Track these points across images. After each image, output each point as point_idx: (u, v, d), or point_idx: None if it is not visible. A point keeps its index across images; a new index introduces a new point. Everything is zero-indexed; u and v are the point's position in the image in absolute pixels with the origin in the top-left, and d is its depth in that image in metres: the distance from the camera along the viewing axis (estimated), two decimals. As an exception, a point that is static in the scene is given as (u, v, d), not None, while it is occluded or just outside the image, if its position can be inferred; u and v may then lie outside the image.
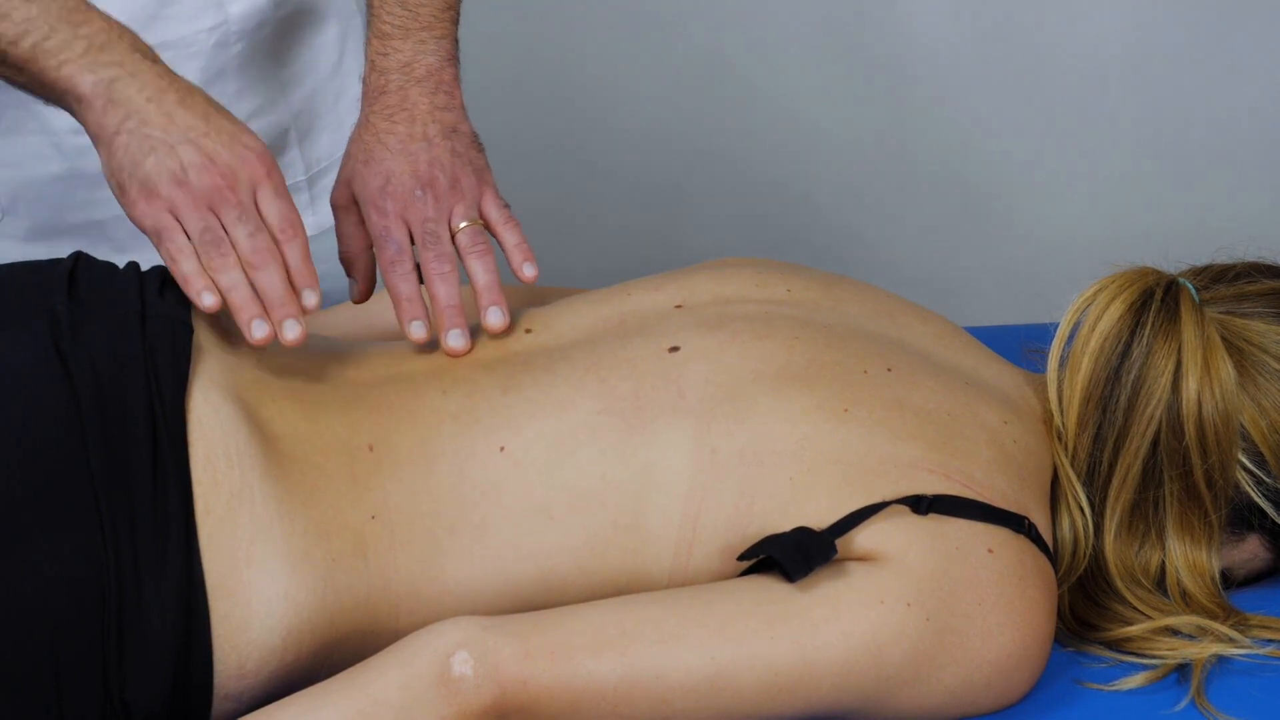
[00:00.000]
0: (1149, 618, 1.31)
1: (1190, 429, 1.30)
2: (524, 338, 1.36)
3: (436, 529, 1.25)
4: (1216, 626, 1.30)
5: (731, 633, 1.18)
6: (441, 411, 1.29)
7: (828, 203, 2.78)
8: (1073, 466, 1.33)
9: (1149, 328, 1.32)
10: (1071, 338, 1.34)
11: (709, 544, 1.25)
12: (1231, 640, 1.29)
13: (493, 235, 1.41)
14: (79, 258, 1.33)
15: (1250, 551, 1.37)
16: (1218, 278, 1.38)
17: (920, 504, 1.23)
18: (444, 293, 1.36)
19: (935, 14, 2.68)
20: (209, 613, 1.18)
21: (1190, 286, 1.34)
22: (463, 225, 1.39)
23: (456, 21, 1.47)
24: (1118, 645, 1.31)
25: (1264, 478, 1.33)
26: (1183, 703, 1.26)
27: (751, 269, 1.42)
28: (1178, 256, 1.41)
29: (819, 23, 2.70)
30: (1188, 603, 1.32)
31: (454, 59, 1.46)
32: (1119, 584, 1.32)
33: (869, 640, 1.19)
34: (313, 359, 1.32)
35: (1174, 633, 1.30)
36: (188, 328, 1.28)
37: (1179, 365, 1.30)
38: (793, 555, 1.20)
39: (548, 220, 1.43)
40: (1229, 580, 1.37)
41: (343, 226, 1.44)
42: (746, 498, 1.25)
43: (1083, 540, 1.31)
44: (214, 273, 1.28)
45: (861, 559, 1.22)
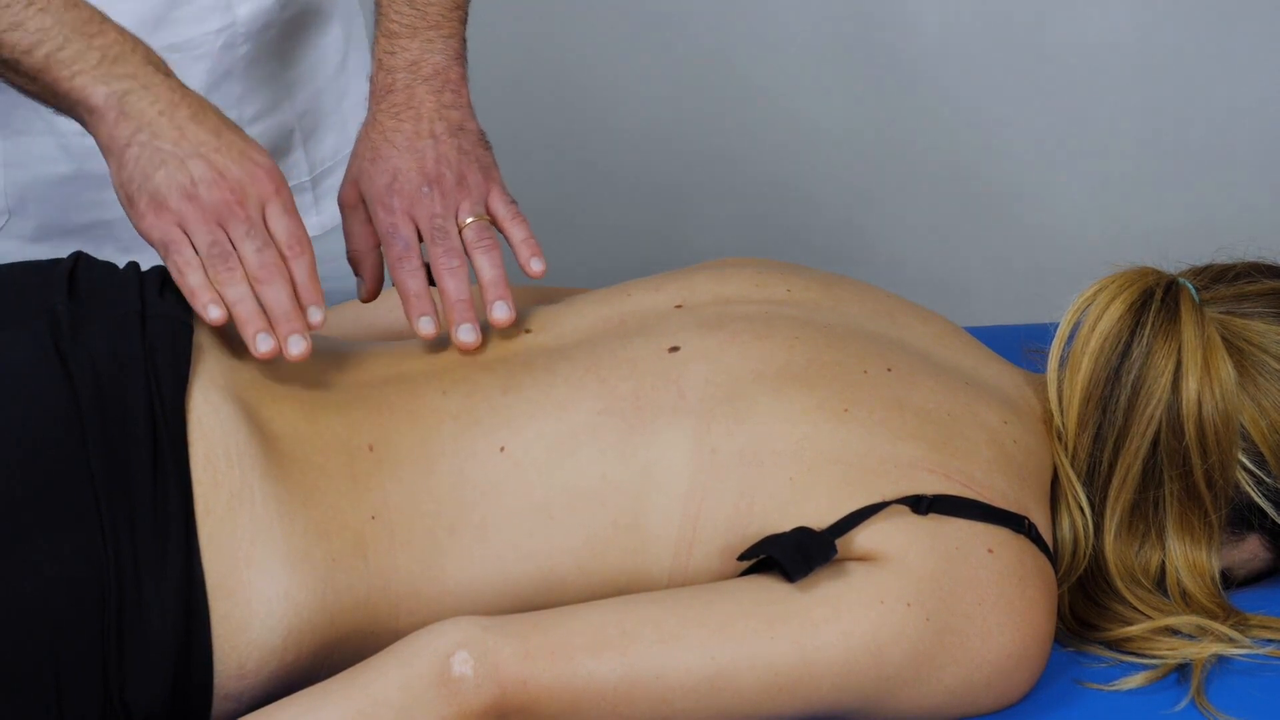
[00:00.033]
0: (1149, 618, 1.31)
1: (1190, 429, 1.30)
2: (524, 338, 1.36)
3: (436, 529, 1.25)
4: (1216, 626, 1.30)
5: (731, 633, 1.18)
6: (441, 412, 1.29)
7: (828, 203, 2.78)
8: (1073, 466, 1.33)
9: (1149, 328, 1.31)
10: (1071, 338, 1.34)
11: (709, 544, 1.25)
12: (1231, 640, 1.29)
13: (499, 231, 1.41)
14: (79, 258, 1.33)
15: (1250, 551, 1.37)
16: (1218, 278, 1.38)
17: (920, 504, 1.23)
18: (453, 288, 1.36)
19: (936, 15, 2.68)
20: (209, 613, 1.18)
21: (1190, 286, 1.34)
22: (469, 221, 1.39)
23: (464, 21, 1.47)
24: (1118, 645, 1.31)
25: (1264, 478, 1.33)
26: (1183, 703, 1.26)
27: (751, 269, 1.42)
28: (1178, 256, 1.41)
29: (820, 23, 2.70)
30: (1188, 603, 1.32)
31: (461, 58, 1.46)
32: (1119, 584, 1.31)
33: (869, 640, 1.19)
34: (313, 359, 1.32)
35: (1174, 633, 1.30)
36: (188, 328, 1.28)
37: (1179, 365, 1.30)
38: (793, 555, 1.20)
39: (548, 220, 1.43)
40: (1229, 580, 1.37)
41: (350, 225, 1.44)
42: (746, 498, 1.25)
43: (1083, 540, 1.31)
44: (220, 286, 1.28)
45: (861, 559, 1.22)
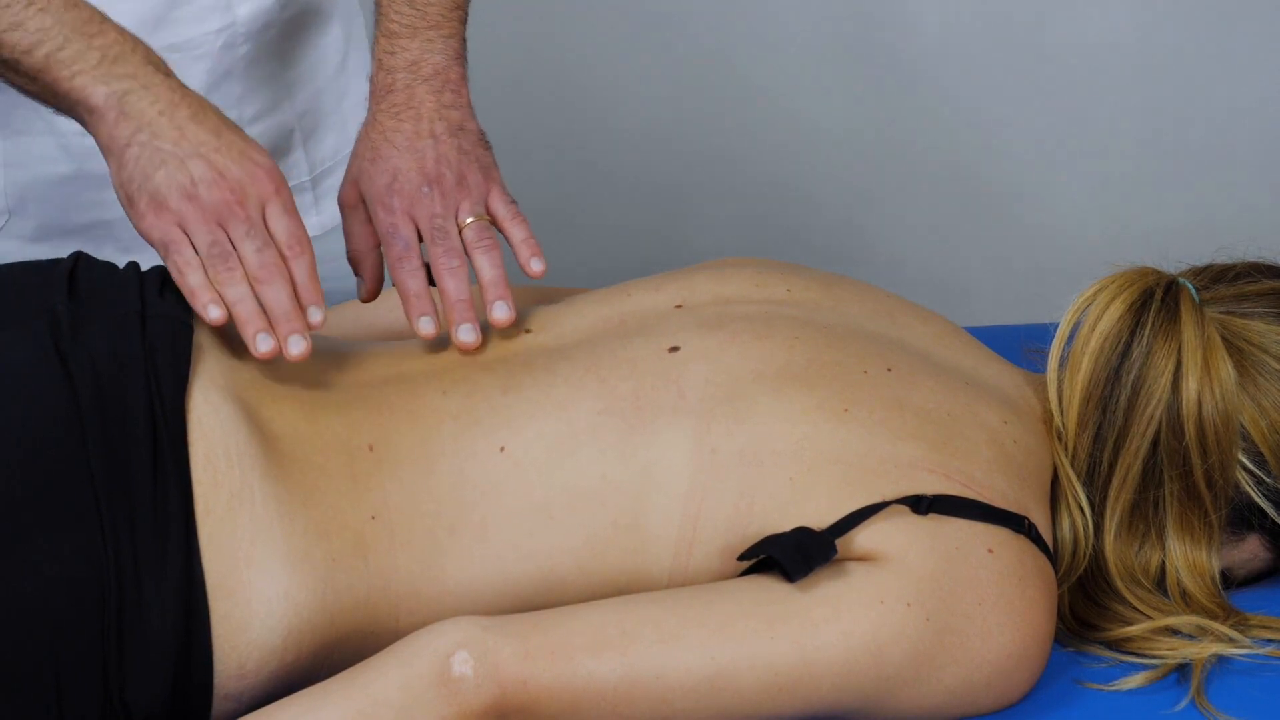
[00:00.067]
0: (1149, 618, 1.31)
1: (1190, 429, 1.30)
2: (524, 338, 1.36)
3: (436, 529, 1.25)
4: (1216, 626, 1.30)
5: (731, 633, 1.18)
6: (441, 412, 1.29)
7: (828, 203, 2.78)
8: (1073, 466, 1.32)
9: (1149, 328, 1.31)
10: (1071, 338, 1.34)
11: (709, 544, 1.25)
12: (1231, 640, 1.29)
13: (500, 231, 1.41)
14: (79, 258, 1.33)
15: (1250, 551, 1.37)
16: (1218, 278, 1.38)
17: (920, 504, 1.23)
18: (453, 287, 1.36)
19: (936, 15, 2.68)
20: (209, 613, 1.18)
21: (1190, 286, 1.34)
22: (469, 221, 1.39)
23: (464, 21, 1.47)
24: (1118, 645, 1.31)
25: (1264, 478, 1.33)
26: (1183, 703, 1.26)
27: (751, 269, 1.42)
28: (1178, 256, 1.41)
29: (820, 23, 2.70)
30: (1188, 603, 1.31)
31: (461, 58, 1.46)
32: (1119, 584, 1.31)
33: (869, 640, 1.19)
34: (313, 359, 1.32)
35: (1174, 633, 1.30)
36: (188, 328, 1.28)
37: (1179, 365, 1.30)
38: (793, 555, 1.20)
39: (548, 220, 1.43)
40: (1229, 580, 1.37)
41: (350, 225, 1.44)
42: (746, 498, 1.25)
43: (1083, 540, 1.31)
44: (220, 286, 1.28)
45: (861, 559, 1.22)
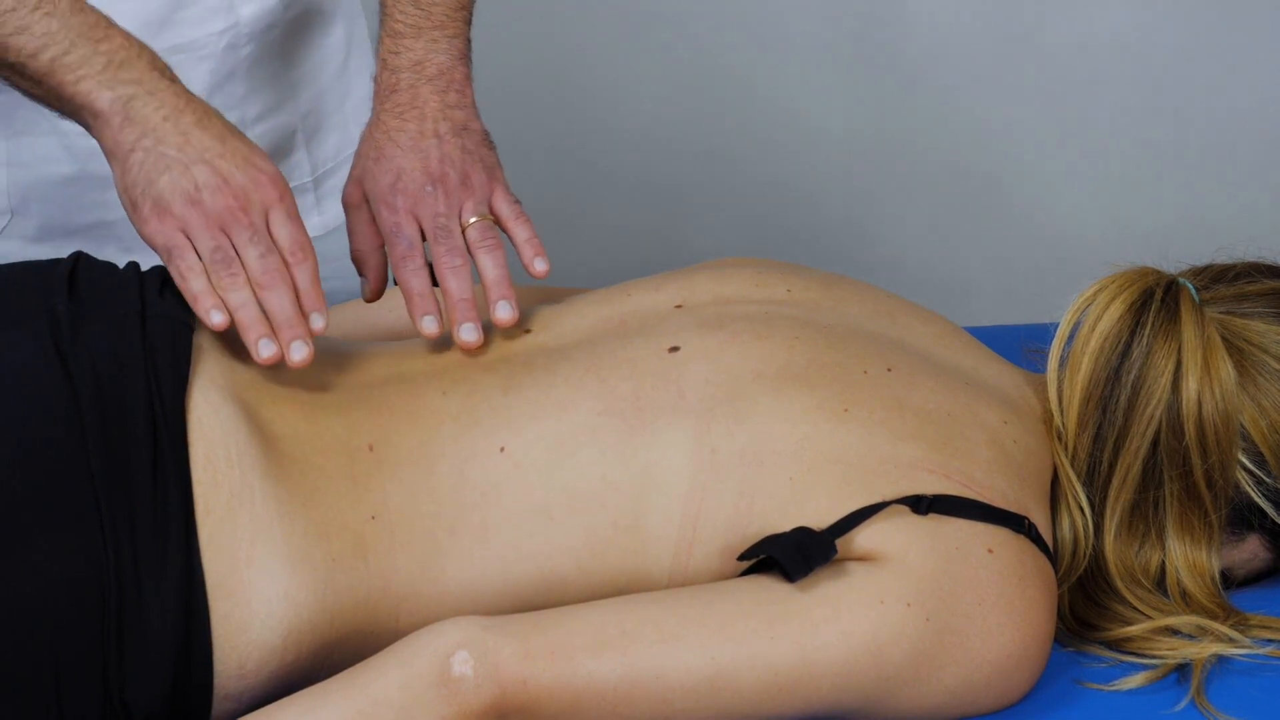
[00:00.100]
0: (1149, 618, 1.31)
1: (1190, 429, 1.30)
2: (524, 338, 1.36)
3: (436, 530, 1.25)
4: (1216, 626, 1.30)
5: (731, 633, 1.18)
6: (441, 412, 1.29)
7: (828, 203, 2.78)
8: (1073, 466, 1.32)
9: (1149, 328, 1.31)
10: (1071, 338, 1.34)
11: (709, 544, 1.25)
12: (1231, 640, 1.29)
13: (503, 231, 1.41)
14: (79, 258, 1.33)
15: (1250, 551, 1.37)
16: (1218, 278, 1.38)
17: (920, 504, 1.23)
18: (456, 286, 1.36)
19: (936, 15, 2.68)
20: (209, 613, 1.18)
21: (1190, 286, 1.34)
22: (473, 221, 1.39)
23: (469, 21, 1.47)
24: (1118, 645, 1.31)
25: (1264, 478, 1.33)
26: (1183, 703, 1.26)
27: (751, 269, 1.42)
28: (1178, 256, 1.41)
29: (819, 23, 2.70)
30: (1188, 603, 1.31)
31: (466, 58, 1.46)
32: (1119, 584, 1.31)
33: (869, 640, 1.19)
34: (313, 360, 1.32)
35: (1174, 633, 1.30)
36: (188, 328, 1.28)
37: (1179, 365, 1.30)
38: (793, 555, 1.20)
39: (548, 220, 1.43)
40: (1229, 580, 1.37)
41: (354, 225, 1.44)
42: (746, 498, 1.25)
43: (1083, 540, 1.31)
44: (223, 291, 1.28)
45: (861, 559, 1.22)
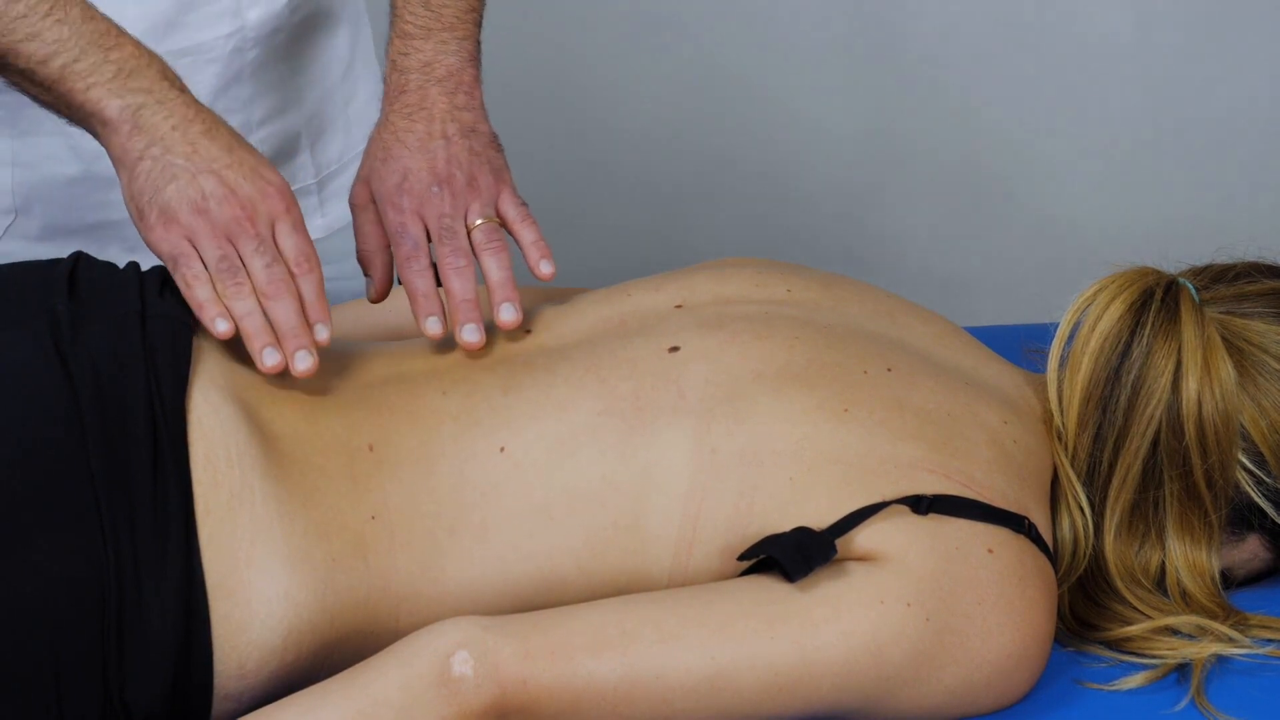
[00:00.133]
0: (1149, 618, 1.31)
1: (1190, 429, 1.30)
2: (524, 338, 1.36)
3: (436, 530, 1.25)
4: (1216, 626, 1.30)
5: (731, 633, 1.18)
6: (441, 412, 1.29)
7: (828, 203, 2.78)
8: (1073, 466, 1.32)
9: (1149, 328, 1.31)
10: (1071, 338, 1.34)
11: (709, 544, 1.25)
12: (1231, 640, 1.29)
13: (509, 233, 1.41)
14: (79, 258, 1.33)
15: (1250, 551, 1.37)
16: (1218, 278, 1.38)
17: (920, 504, 1.23)
18: (459, 287, 1.36)
19: (937, 14, 2.68)
20: (209, 613, 1.18)
21: (1190, 286, 1.34)
22: (478, 222, 1.39)
23: (479, 24, 1.47)
24: (1118, 645, 1.31)
25: (1264, 478, 1.33)
26: (1183, 703, 1.26)
27: (751, 269, 1.42)
28: (1178, 256, 1.41)
29: (820, 23, 2.70)
30: (1188, 603, 1.31)
31: (475, 60, 1.46)
32: (1119, 584, 1.31)
33: (869, 640, 1.19)
34: (313, 359, 1.32)
35: (1174, 632, 1.30)
36: (188, 328, 1.28)
37: (1179, 365, 1.30)
38: (793, 555, 1.20)
39: (548, 220, 1.43)
40: (1229, 580, 1.37)
41: (361, 225, 1.44)
42: (746, 498, 1.25)
43: (1083, 540, 1.31)
44: (228, 300, 1.28)
45: (861, 559, 1.22)
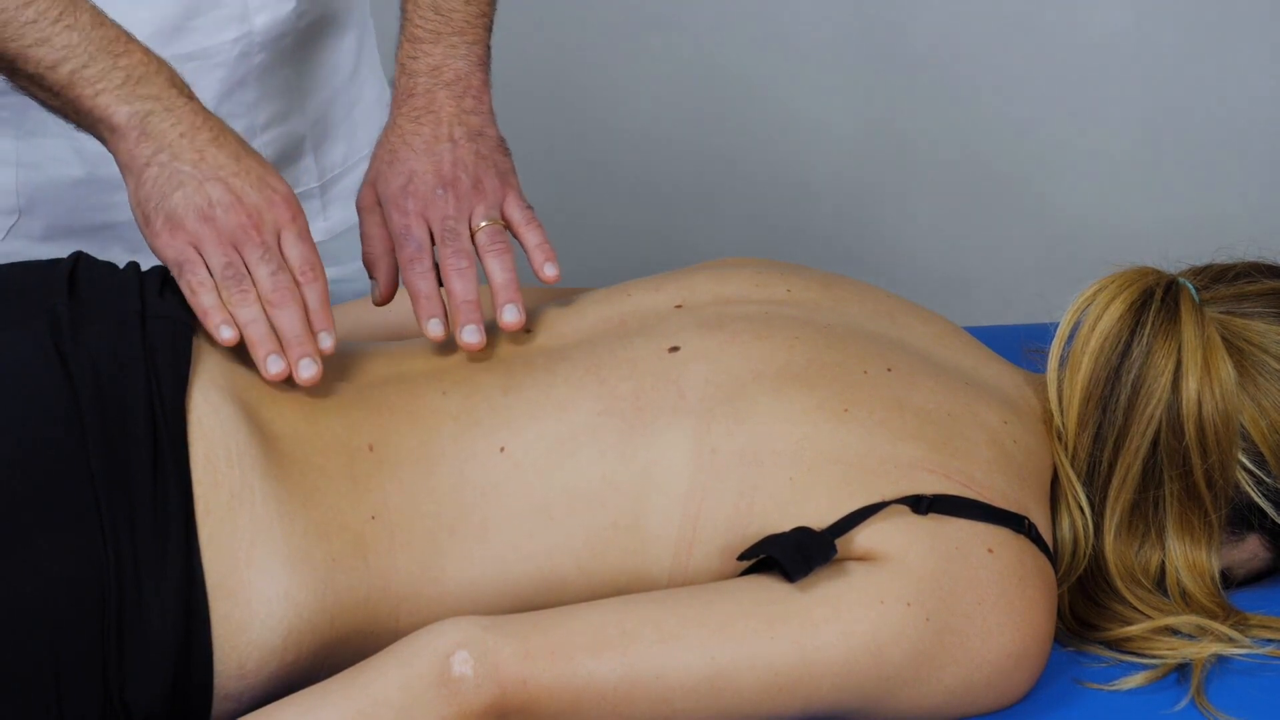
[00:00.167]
0: (1149, 617, 1.31)
1: (1190, 429, 1.30)
2: (524, 338, 1.36)
3: (437, 530, 1.25)
4: (1216, 626, 1.30)
5: (731, 633, 1.18)
6: (442, 412, 1.29)
7: (829, 203, 2.78)
8: (1073, 466, 1.32)
9: (1149, 327, 1.31)
10: (1071, 338, 1.34)
11: (709, 544, 1.25)
12: (1231, 640, 1.29)
13: (514, 235, 1.41)
14: (79, 258, 1.33)
15: (1250, 551, 1.37)
16: (1218, 277, 1.38)
17: (920, 504, 1.23)
18: (460, 288, 1.36)
19: (938, 13, 2.68)
20: (209, 613, 1.18)
21: (1190, 286, 1.34)
22: (483, 224, 1.39)
23: (489, 29, 1.47)
24: (1118, 645, 1.31)
25: (1264, 478, 1.33)
26: (1183, 702, 1.26)
27: (751, 269, 1.42)
28: (1178, 256, 1.41)
29: (820, 22, 2.70)
30: (1188, 602, 1.31)
31: (484, 65, 1.46)
32: (1119, 584, 1.31)
33: (869, 640, 1.19)
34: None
35: (1174, 632, 1.30)
36: (188, 328, 1.28)
37: (1179, 365, 1.30)
38: (793, 555, 1.20)
39: (548, 220, 1.43)
40: (1229, 580, 1.37)
41: (367, 228, 1.44)
42: (746, 498, 1.25)
43: (1083, 540, 1.31)
44: (233, 307, 1.28)
45: (861, 559, 1.22)
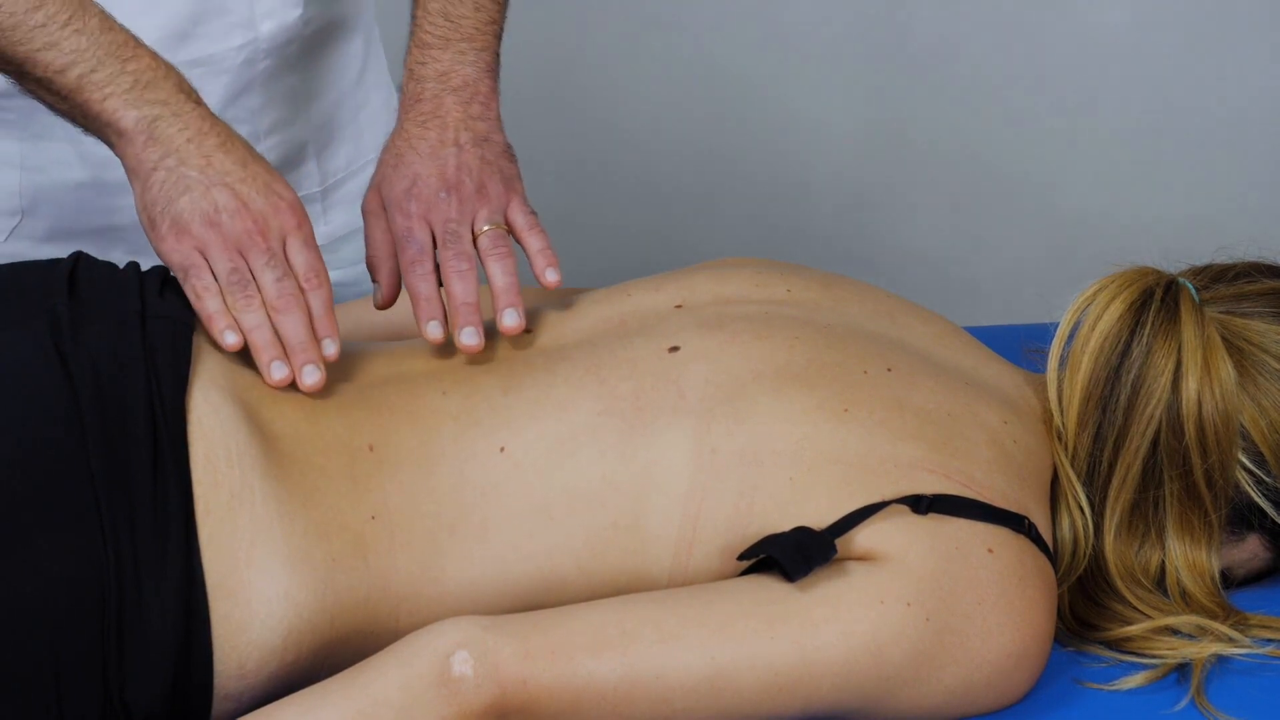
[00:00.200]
0: (1149, 617, 1.31)
1: (1190, 429, 1.30)
2: (524, 339, 1.36)
3: (437, 530, 1.25)
4: (1216, 626, 1.30)
5: (731, 633, 1.18)
6: (442, 412, 1.29)
7: (829, 203, 2.78)
8: (1073, 466, 1.32)
9: (1149, 327, 1.31)
10: (1071, 337, 1.34)
11: (709, 544, 1.25)
12: (1231, 640, 1.29)
13: (517, 240, 1.41)
14: (79, 258, 1.33)
15: (1250, 551, 1.37)
16: (1218, 277, 1.38)
17: (920, 504, 1.23)
18: (460, 290, 1.36)
19: (939, 16, 2.68)
20: (209, 613, 1.18)
21: (1190, 286, 1.34)
22: (486, 229, 1.39)
23: (499, 36, 1.47)
24: (1118, 645, 1.31)
25: (1264, 477, 1.33)
26: (1183, 702, 1.26)
27: (751, 269, 1.42)
28: (1178, 256, 1.41)
29: (821, 23, 2.70)
30: (1188, 602, 1.32)
31: (493, 71, 1.46)
32: (1119, 584, 1.31)
33: (869, 640, 1.19)
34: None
35: (1174, 632, 1.30)
36: (188, 328, 1.28)
37: (1179, 365, 1.30)
38: (792, 555, 1.20)
39: (547, 220, 1.43)
40: (1229, 580, 1.37)
41: (371, 231, 1.43)
42: (746, 498, 1.25)
43: (1083, 540, 1.31)
44: (238, 312, 1.28)
45: (861, 559, 1.22)
